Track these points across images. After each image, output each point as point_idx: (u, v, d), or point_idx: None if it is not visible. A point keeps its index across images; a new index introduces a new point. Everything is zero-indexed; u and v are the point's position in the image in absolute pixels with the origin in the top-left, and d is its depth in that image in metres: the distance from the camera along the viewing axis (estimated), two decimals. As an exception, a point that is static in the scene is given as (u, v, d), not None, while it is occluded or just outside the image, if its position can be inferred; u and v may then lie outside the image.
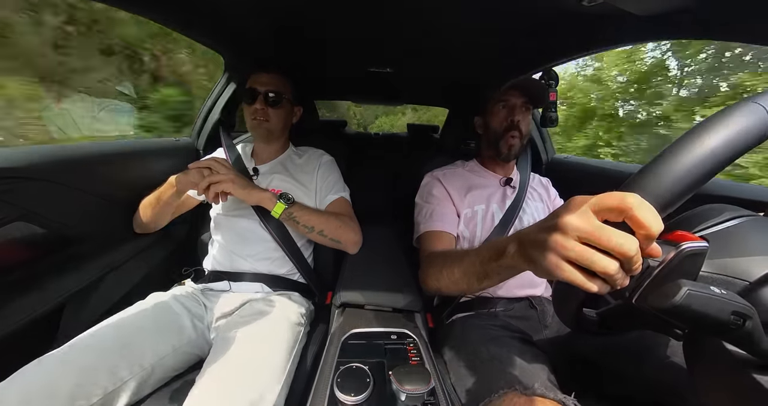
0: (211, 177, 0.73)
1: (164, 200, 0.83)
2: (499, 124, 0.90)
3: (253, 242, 0.89)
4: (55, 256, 0.76)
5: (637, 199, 0.28)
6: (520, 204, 0.91)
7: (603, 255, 0.29)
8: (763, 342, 0.29)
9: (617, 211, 0.28)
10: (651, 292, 0.30)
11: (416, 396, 0.44)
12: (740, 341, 0.30)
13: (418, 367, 0.51)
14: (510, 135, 0.89)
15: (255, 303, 0.80)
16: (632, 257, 0.28)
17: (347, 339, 0.61)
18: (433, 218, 0.86)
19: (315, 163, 1.00)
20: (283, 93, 0.93)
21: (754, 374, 0.30)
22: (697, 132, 0.31)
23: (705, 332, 0.32)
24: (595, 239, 0.29)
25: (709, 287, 0.29)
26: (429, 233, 0.85)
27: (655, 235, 0.28)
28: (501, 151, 0.91)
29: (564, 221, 0.31)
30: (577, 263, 0.30)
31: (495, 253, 0.46)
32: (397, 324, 0.66)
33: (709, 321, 0.28)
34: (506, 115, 0.89)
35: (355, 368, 0.51)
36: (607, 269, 0.29)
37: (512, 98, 0.89)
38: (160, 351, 0.65)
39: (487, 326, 0.74)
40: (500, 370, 0.59)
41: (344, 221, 0.88)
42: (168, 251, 1.06)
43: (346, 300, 0.72)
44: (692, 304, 0.28)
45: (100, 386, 0.55)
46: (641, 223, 0.27)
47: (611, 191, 0.30)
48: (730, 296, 0.29)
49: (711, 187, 0.84)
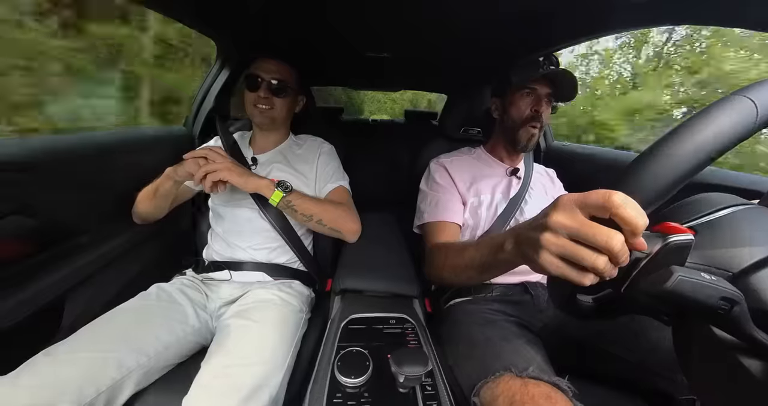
0: (207, 166, 0.72)
1: (161, 192, 0.82)
2: (520, 112, 0.87)
3: (253, 232, 0.89)
4: (53, 248, 0.76)
5: (621, 197, 0.29)
6: (523, 195, 0.90)
7: (591, 251, 0.30)
8: (749, 327, 0.30)
9: (603, 209, 0.30)
10: (640, 281, 0.32)
11: (414, 378, 0.46)
12: (727, 325, 0.31)
13: (415, 350, 0.52)
14: (531, 125, 0.86)
15: (257, 291, 0.81)
16: (618, 252, 0.29)
17: (347, 324, 0.62)
18: (437, 207, 0.86)
19: (315, 153, 0.99)
20: (288, 82, 0.91)
21: (740, 357, 0.31)
22: (684, 128, 0.31)
23: (694, 316, 0.33)
24: (582, 236, 0.31)
25: (700, 273, 0.30)
26: (433, 223, 0.85)
27: (640, 231, 0.29)
28: (520, 140, 0.88)
29: (553, 220, 0.32)
30: (567, 259, 0.32)
31: (494, 248, 0.49)
32: (395, 309, 0.67)
33: (698, 306, 0.29)
34: (530, 104, 0.85)
35: (355, 351, 0.53)
36: (595, 264, 0.30)
37: (540, 88, 0.85)
38: (164, 340, 0.66)
39: (483, 310, 0.76)
40: (496, 353, 0.61)
41: (343, 209, 0.88)
42: (168, 242, 1.06)
43: (346, 286, 0.73)
44: (683, 289, 0.29)
45: (107, 376, 0.56)
46: (625, 220, 0.28)
47: (599, 189, 0.31)
48: (719, 282, 0.30)
49: (707, 175, 0.84)
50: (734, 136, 0.29)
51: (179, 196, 0.90)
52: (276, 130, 0.99)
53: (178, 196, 0.90)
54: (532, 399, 0.47)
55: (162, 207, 0.87)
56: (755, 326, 0.30)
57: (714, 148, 0.29)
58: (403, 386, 0.47)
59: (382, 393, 0.48)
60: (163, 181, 0.81)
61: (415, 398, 0.48)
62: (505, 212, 0.88)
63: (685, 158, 0.30)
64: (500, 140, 0.96)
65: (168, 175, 0.79)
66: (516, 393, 0.49)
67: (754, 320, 0.30)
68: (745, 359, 0.31)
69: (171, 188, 0.82)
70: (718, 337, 0.32)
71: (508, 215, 0.88)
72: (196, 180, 0.72)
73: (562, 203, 0.33)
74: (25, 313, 0.66)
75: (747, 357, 0.31)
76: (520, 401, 0.48)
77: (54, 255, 0.75)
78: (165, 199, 0.85)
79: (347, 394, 0.48)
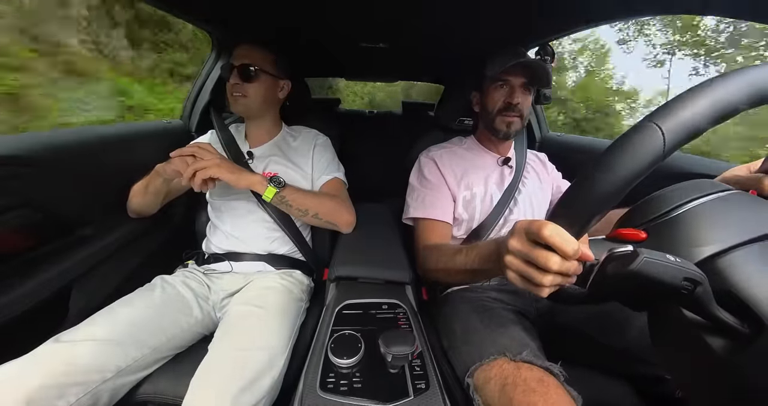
0: (195, 164, 0.70)
1: (151, 189, 0.82)
2: (494, 103, 0.88)
3: (252, 223, 0.90)
4: (56, 242, 0.78)
5: (550, 229, 0.35)
6: (516, 185, 0.91)
7: (537, 270, 0.37)
8: (712, 306, 0.31)
9: (539, 237, 0.36)
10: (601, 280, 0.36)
11: (401, 357, 0.48)
12: (692, 305, 0.33)
13: (404, 332, 0.55)
14: (505, 115, 0.86)
15: (258, 281, 0.83)
16: (559, 269, 0.35)
17: (341, 309, 0.64)
18: (425, 204, 0.86)
19: (310, 145, 0.99)
20: (259, 66, 0.88)
21: (705, 337, 0.33)
22: (601, 158, 0.33)
23: (660, 297, 0.35)
24: (529, 258, 0.38)
25: (665, 255, 0.32)
26: (423, 221, 0.86)
27: (570, 255, 0.34)
28: (499, 129, 0.88)
29: (510, 244, 0.40)
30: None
31: (482, 259, 0.54)
32: (388, 295, 0.69)
33: (663, 287, 0.31)
34: (504, 95, 0.86)
35: (348, 334, 0.55)
36: (542, 281, 0.37)
37: (512, 78, 0.85)
38: (168, 332, 0.68)
39: (482, 298, 0.77)
40: (491, 338, 0.62)
41: (338, 202, 0.88)
42: (169, 234, 1.08)
43: (340, 274, 0.75)
44: (648, 270, 0.31)
45: (112, 364, 0.58)
46: (555, 246, 0.35)
47: (537, 220, 0.37)
48: (683, 263, 0.31)
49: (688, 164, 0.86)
50: (643, 166, 0.30)
51: (171, 192, 0.90)
52: (261, 118, 0.97)
53: (170, 192, 0.89)
54: (525, 382, 0.49)
55: (154, 203, 0.87)
56: (718, 306, 0.32)
57: (627, 180, 0.31)
58: (392, 366, 0.50)
59: (374, 373, 0.50)
60: (152, 178, 0.81)
61: (404, 377, 0.50)
62: (500, 202, 0.88)
63: (600, 191, 0.32)
64: (484, 131, 0.97)
65: (157, 172, 0.78)
66: (509, 376, 0.51)
67: (717, 301, 0.32)
68: (710, 337, 0.33)
69: (161, 185, 0.81)
70: (686, 317, 0.34)
71: (503, 205, 0.88)
72: (184, 180, 0.70)
73: (516, 229, 0.40)
74: (31, 303, 0.68)
75: (711, 336, 0.33)
76: (513, 383, 0.50)
77: (56, 247, 0.77)
78: (156, 195, 0.84)
79: (340, 374, 0.50)
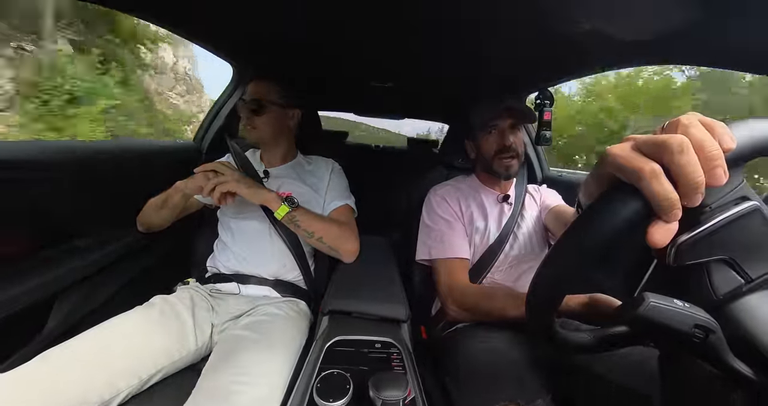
0: (216, 179, 0.75)
1: (170, 204, 0.86)
2: (489, 148, 0.91)
3: (262, 246, 0.90)
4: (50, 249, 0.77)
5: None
6: (515, 220, 0.92)
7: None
8: (728, 357, 0.29)
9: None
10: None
11: (392, 402, 0.44)
12: (706, 354, 0.31)
13: (396, 375, 0.51)
14: (502, 157, 0.89)
15: (264, 307, 0.80)
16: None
17: (332, 346, 0.61)
18: (445, 243, 0.86)
19: (327, 169, 1.02)
20: (265, 99, 0.93)
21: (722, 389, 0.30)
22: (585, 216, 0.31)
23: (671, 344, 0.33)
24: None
25: (673, 300, 0.30)
26: (446, 260, 0.85)
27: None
28: (498, 172, 0.91)
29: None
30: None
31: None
32: (382, 333, 0.66)
33: (672, 333, 0.29)
34: (496, 139, 0.90)
35: (336, 374, 0.51)
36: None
37: (500, 122, 0.89)
38: (159, 363, 0.65)
39: (490, 336, 0.73)
40: (500, 383, 0.58)
41: (345, 229, 0.88)
42: (168, 251, 1.07)
43: (333, 307, 0.72)
44: (654, 315, 0.29)
45: (96, 394, 0.56)
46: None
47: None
48: (692, 309, 0.30)
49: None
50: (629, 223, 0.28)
51: (186, 209, 0.94)
52: (276, 146, 1.01)
53: (185, 209, 0.93)
54: None
55: (168, 218, 0.90)
56: (734, 356, 0.30)
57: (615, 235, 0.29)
58: None
59: None
60: (172, 194, 0.84)
61: None
62: (499, 238, 0.88)
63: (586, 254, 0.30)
64: (483, 172, 0.99)
65: (177, 188, 0.82)
66: None
67: (732, 350, 0.30)
68: (723, 388, 0.30)
69: (180, 201, 0.85)
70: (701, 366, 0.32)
71: (501, 241, 0.88)
72: (205, 192, 0.75)
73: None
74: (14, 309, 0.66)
75: (725, 387, 0.30)
76: None
77: (48, 257, 0.76)
78: (172, 210, 0.88)
79: None
